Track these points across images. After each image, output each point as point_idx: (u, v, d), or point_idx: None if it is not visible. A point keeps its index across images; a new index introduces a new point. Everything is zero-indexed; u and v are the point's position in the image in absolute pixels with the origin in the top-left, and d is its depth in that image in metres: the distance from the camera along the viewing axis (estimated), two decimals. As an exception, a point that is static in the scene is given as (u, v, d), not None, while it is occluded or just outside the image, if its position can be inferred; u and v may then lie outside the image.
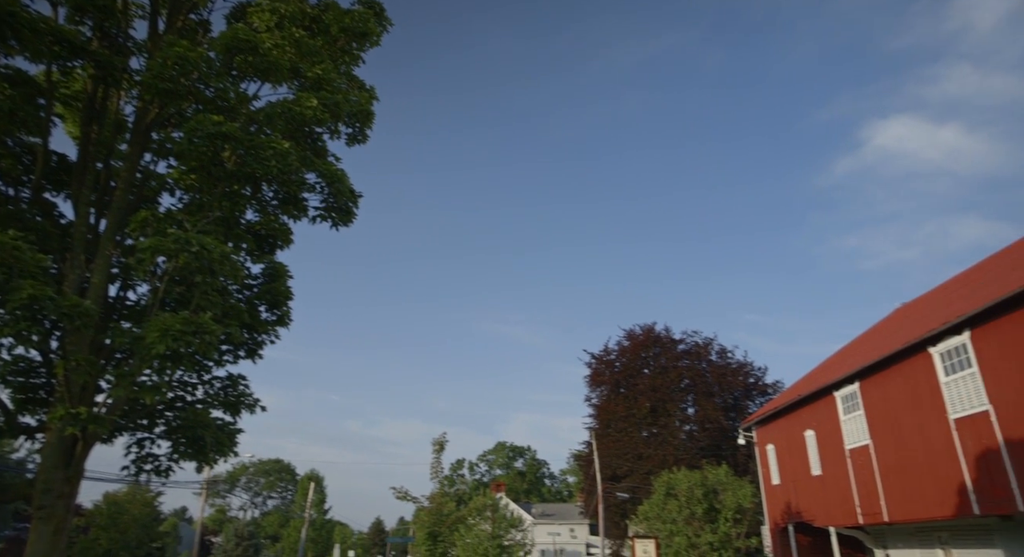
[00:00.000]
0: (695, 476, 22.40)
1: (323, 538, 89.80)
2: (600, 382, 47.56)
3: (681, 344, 47.39)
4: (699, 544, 21.06)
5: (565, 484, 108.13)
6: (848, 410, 22.84)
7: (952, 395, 17.63)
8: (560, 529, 71.44)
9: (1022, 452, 15.18)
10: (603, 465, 42.22)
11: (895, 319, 27.42)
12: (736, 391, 45.44)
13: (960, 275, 25.30)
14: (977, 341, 16.76)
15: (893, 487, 20.13)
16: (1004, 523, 17.76)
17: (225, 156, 9.70)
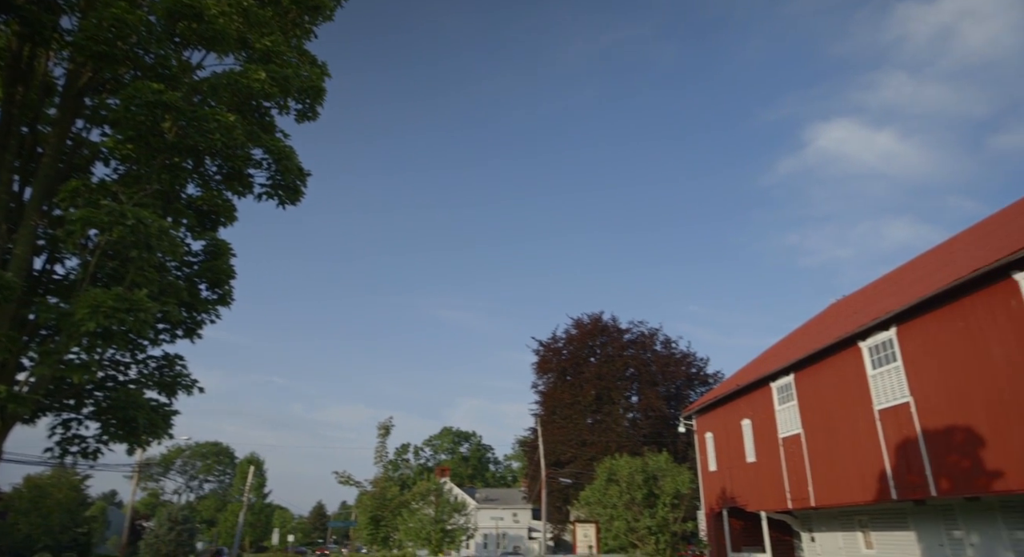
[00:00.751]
0: (636, 463, 22.97)
1: (262, 522, 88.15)
2: (547, 369, 48.11)
3: (627, 334, 48.41)
4: (638, 528, 21.67)
5: (509, 470, 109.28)
6: (783, 400, 23.81)
7: (878, 387, 18.59)
8: (503, 514, 72.25)
9: (937, 442, 16.17)
10: (547, 451, 42.83)
11: (829, 314, 28.65)
12: (679, 381, 46.78)
13: (890, 274, 26.63)
14: (902, 337, 17.70)
15: (821, 474, 21.15)
16: (917, 507, 18.94)
17: (165, 127, 9.23)
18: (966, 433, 15.32)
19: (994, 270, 14.61)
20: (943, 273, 17.58)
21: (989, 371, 14.81)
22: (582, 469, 40.90)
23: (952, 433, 15.75)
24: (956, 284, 15.59)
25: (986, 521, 16.82)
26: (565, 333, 48.74)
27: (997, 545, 16.45)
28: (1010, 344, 14.27)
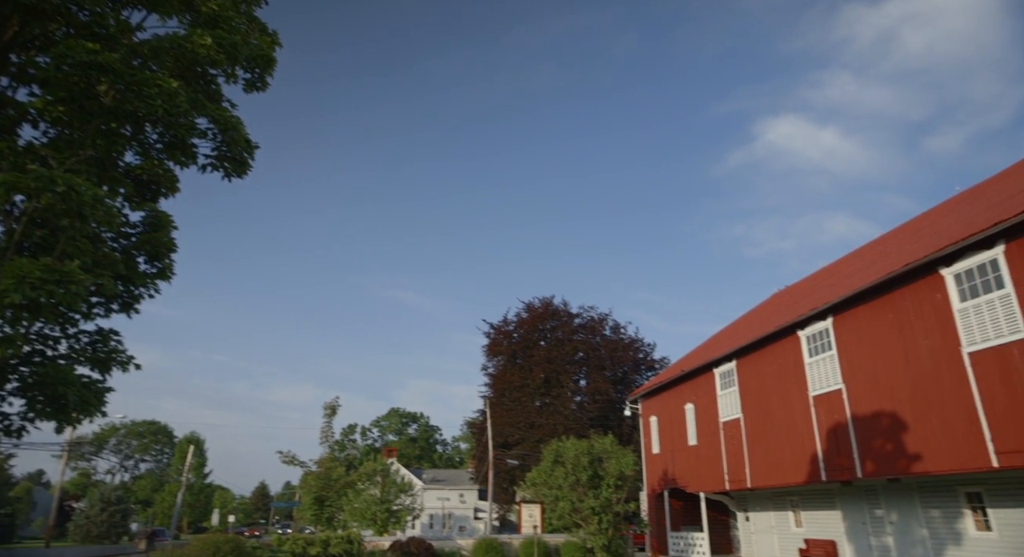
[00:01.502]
0: (582, 445, 23.36)
1: (202, 503, 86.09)
2: (497, 352, 48.31)
3: (578, 318, 48.99)
4: (582, 508, 22.10)
5: (457, 451, 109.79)
6: (725, 386, 24.61)
7: (814, 374, 19.42)
8: (450, 494, 72.64)
9: (865, 427, 17.05)
10: (496, 433, 43.18)
11: (771, 303, 29.68)
12: (626, 365, 47.73)
13: (828, 266, 27.74)
14: (838, 326, 18.51)
15: (757, 457, 22.03)
16: (844, 488, 19.99)
17: (101, 89, 8.70)
18: (891, 419, 16.20)
19: (922, 266, 15.40)
20: (876, 267, 18.42)
21: (914, 361, 15.65)
22: (529, 451, 41.42)
23: (879, 419, 16.62)
24: (887, 278, 16.36)
25: (905, 500, 17.90)
26: (516, 317, 49.00)
27: (913, 522, 17.55)
28: (934, 335, 15.10)
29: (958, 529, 16.13)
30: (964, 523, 16.00)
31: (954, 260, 14.68)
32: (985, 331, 13.83)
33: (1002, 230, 13.46)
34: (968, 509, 15.95)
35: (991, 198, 16.94)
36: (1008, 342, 13.26)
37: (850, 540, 19.83)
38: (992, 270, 13.80)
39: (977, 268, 14.16)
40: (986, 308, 13.86)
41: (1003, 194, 16.30)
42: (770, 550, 23.89)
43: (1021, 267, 13.14)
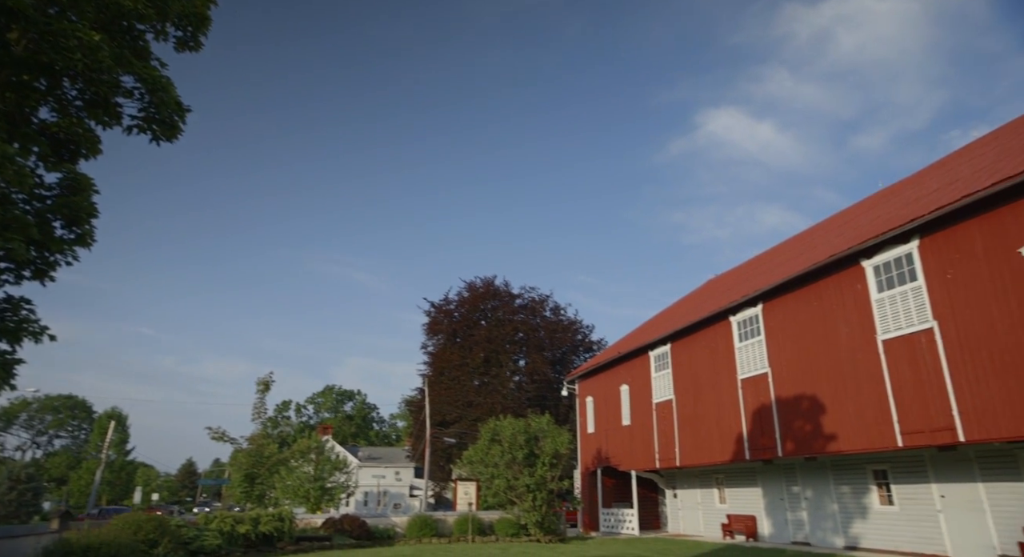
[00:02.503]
0: (519, 424, 23.66)
1: (123, 481, 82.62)
2: (438, 331, 48.15)
3: (519, 299, 49.32)
4: (517, 486, 22.47)
5: (394, 428, 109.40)
6: (659, 368, 25.38)
7: (743, 358, 20.26)
8: (386, 472, 72.49)
9: (787, 409, 17.97)
10: (434, 411, 43.20)
11: (706, 289, 30.68)
12: (565, 346, 48.51)
13: (760, 255, 28.88)
14: (767, 313, 19.34)
15: (687, 436, 22.90)
16: (766, 467, 21.08)
17: (12, 38, 7.99)
18: (811, 401, 17.12)
19: (845, 257, 16.24)
20: (804, 258, 19.30)
21: (834, 347, 16.56)
22: (467, 429, 41.66)
23: (800, 401, 17.54)
24: (813, 268, 17.18)
25: (819, 478, 19.04)
26: (458, 296, 48.89)
27: (826, 498, 18.71)
28: (853, 323, 16.00)
29: (865, 504, 17.31)
30: (870, 498, 17.17)
31: (874, 253, 15.52)
32: (898, 320, 14.74)
33: (917, 226, 14.31)
34: (874, 485, 17.12)
35: (908, 196, 17.95)
36: (917, 331, 14.19)
37: (768, 515, 20.97)
38: (907, 263, 14.68)
39: (894, 261, 15.03)
40: (900, 299, 14.75)
41: (920, 192, 17.30)
42: (695, 525, 25.00)
43: (932, 261, 14.03)
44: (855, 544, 17.31)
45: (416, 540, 22.28)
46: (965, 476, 14.62)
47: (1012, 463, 13.66)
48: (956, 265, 13.49)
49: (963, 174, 15.73)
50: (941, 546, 14.93)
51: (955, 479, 14.86)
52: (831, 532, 18.30)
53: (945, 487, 15.08)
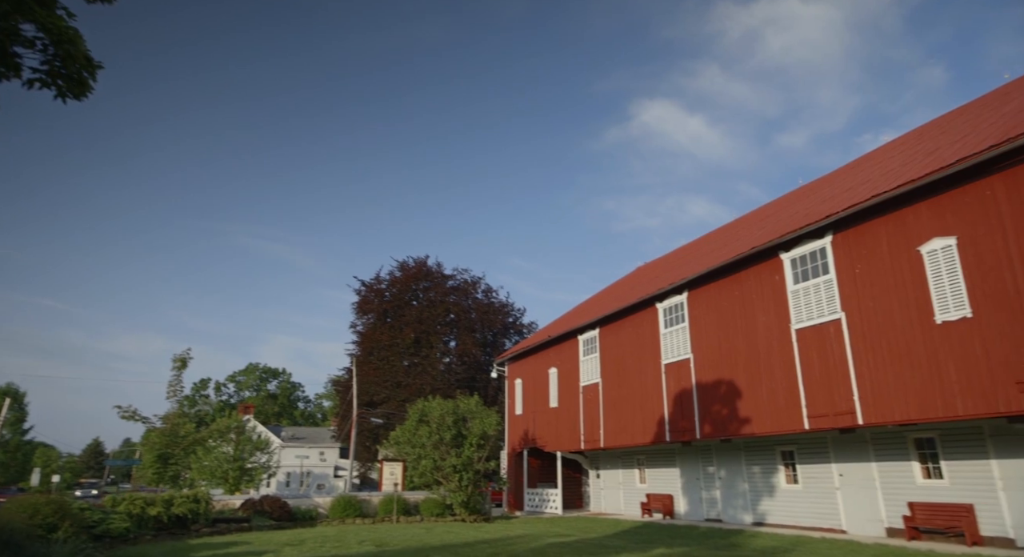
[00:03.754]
0: (448, 405, 23.67)
1: (19, 462, 77.24)
2: (368, 310, 47.35)
3: (451, 280, 49.11)
4: (443, 467, 22.52)
5: (320, 408, 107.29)
6: (587, 352, 25.92)
7: (667, 344, 20.97)
8: (310, 452, 71.10)
9: (706, 393, 18.78)
10: (361, 391, 42.57)
11: (635, 277, 31.48)
12: (496, 329, 48.76)
13: (687, 245, 29.86)
14: (691, 301, 20.05)
15: (611, 419, 23.57)
16: (684, 448, 22.02)
17: None
18: (729, 386, 17.95)
19: (765, 249, 17.01)
20: (728, 249, 20.09)
21: (752, 335, 17.38)
22: (395, 410, 41.34)
23: (719, 386, 18.35)
24: (736, 259, 17.92)
25: (733, 459, 20.06)
26: (389, 275, 48.18)
27: (738, 478, 19.75)
28: (770, 313, 16.83)
29: (773, 483, 18.39)
30: (778, 477, 18.26)
31: (792, 246, 16.34)
32: (811, 311, 15.62)
33: (831, 223, 15.14)
34: (782, 465, 18.21)
35: (824, 194, 18.95)
36: (827, 321, 15.08)
37: (685, 494, 21.95)
38: (821, 257, 15.54)
39: (809, 254, 15.87)
40: (813, 290, 15.62)
41: (834, 191, 18.29)
42: (616, 504, 25.87)
43: (843, 256, 14.91)
44: (762, 520, 18.39)
45: (340, 520, 22.02)
46: (861, 456, 15.76)
47: (902, 444, 14.83)
48: (863, 260, 14.38)
49: (873, 175, 16.72)
50: (837, 521, 16.08)
51: (852, 459, 15.99)
52: (741, 509, 19.35)
53: (843, 467, 16.22)
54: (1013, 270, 11.47)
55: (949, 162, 12.48)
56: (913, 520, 14.00)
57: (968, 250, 12.26)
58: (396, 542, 15.13)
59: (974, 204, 12.26)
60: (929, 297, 12.83)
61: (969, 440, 13.51)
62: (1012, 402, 11.22)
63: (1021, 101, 14.16)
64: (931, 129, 18.65)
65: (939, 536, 13.58)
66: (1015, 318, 11.32)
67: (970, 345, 11.99)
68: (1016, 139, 11.24)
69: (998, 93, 17.65)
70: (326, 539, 16.07)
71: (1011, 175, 11.69)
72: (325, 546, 14.42)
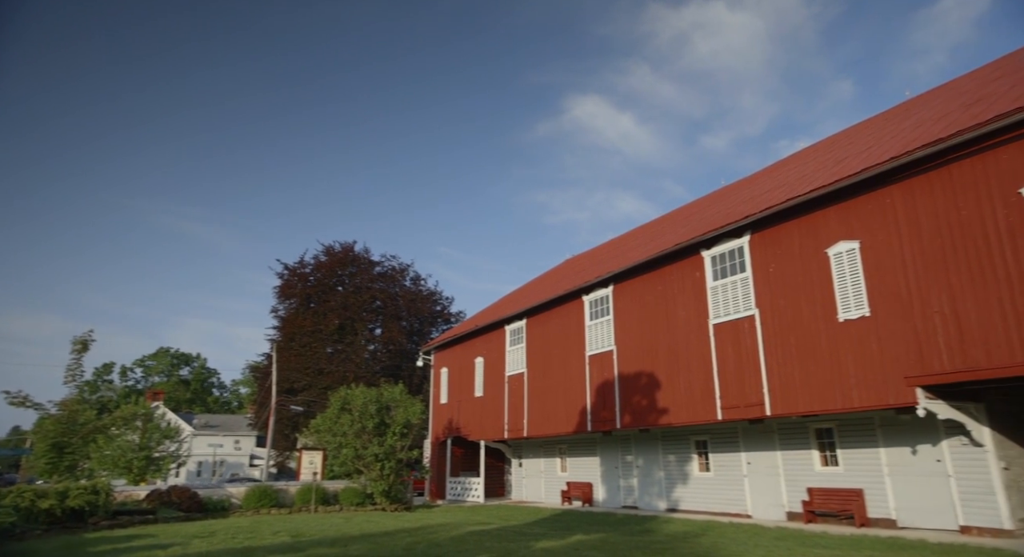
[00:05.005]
0: (372, 393, 23.28)
1: None
2: (291, 295, 45.86)
3: (378, 266, 48.27)
4: (365, 455, 22.17)
5: (236, 395, 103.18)
6: (514, 342, 26.12)
7: (592, 336, 21.42)
8: (224, 440, 68.38)
9: (628, 384, 19.34)
10: (282, 378, 41.22)
11: (563, 269, 31.94)
12: (423, 317, 48.36)
13: (615, 240, 30.56)
14: (616, 294, 20.55)
15: (535, 409, 23.89)
16: (605, 438, 22.62)
17: None
18: (649, 378, 18.55)
19: (688, 246, 17.64)
20: (652, 244, 20.71)
21: (673, 328, 18.01)
22: (316, 398, 40.31)
23: (640, 377, 18.94)
24: (660, 254, 18.50)
25: (650, 448, 20.79)
26: (314, 259, 46.76)
27: (655, 466, 20.50)
28: (691, 307, 17.49)
29: (687, 471, 19.20)
30: (692, 466, 19.07)
31: (712, 244, 17.01)
32: (728, 307, 16.34)
33: (750, 222, 15.86)
34: (696, 454, 19.03)
35: (744, 195, 19.83)
36: (742, 317, 15.83)
37: (604, 482, 22.58)
38: (739, 256, 16.27)
39: (728, 253, 16.59)
40: (730, 287, 16.34)
41: (754, 192, 19.17)
42: (537, 493, 26.30)
43: (759, 255, 15.67)
44: (676, 507, 19.18)
45: (254, 511, 21.29)
46: (767, 445, 16.69)
47: (804, 434, 15.81)
48: (777, 260, 15.16)
49: (788, 180, 17.63)
50: (744, 506, 16.99)
51: (760, 448, 16.92)
52: (657, 497, 20.11)
53: (751, 455, 17.13)
54: (906, 273, 12.40)
55: (855, 171, 13.32)
56: (811, 504, 14.98)
57: (869, 254, 13.15)
58: (313, 532, 14.78)
59: (875, 211, 13.15)
60: (834, 297, 13.69)
61: (862, 430, 14.56)
62: (900, 395, 12.17)
63: (919, 117, 15.28)
64: (841, 139, 19.83)
65: (832, 519, 14.59)
66: (905, 318, 12.26)
67: (867, 342, 12.89)
68: (913, 153, 12.13)
69: (900, 109, 18.96)
70: (239, 530, 15.49)
71: (907, 186, 12.60)
72: (237, 538, 13.90)
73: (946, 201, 11.92)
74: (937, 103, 15.94)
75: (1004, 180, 11.07)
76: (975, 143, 11.45)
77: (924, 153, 12.00)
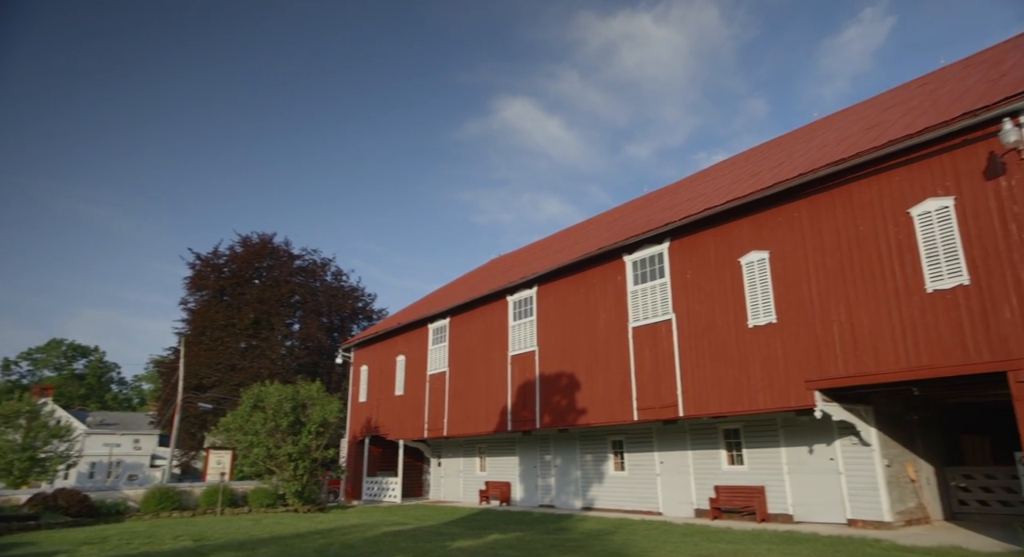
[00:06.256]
0: (287, 390, 22.49)
1: None
2: (203, 286, 43.57)
3: (299, 260, 46.68)
4: (278, 455, 21.38)
5: (138, 391, 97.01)
6: (437, 341, 25.92)
7: (515, 336, 21.57)
8: (122, 440, 64.10)
9: (548, 385, 19.61)
10: (190, 374, 39.05)
11: (488, 269, 32.00)
12: (344, 313, 47.14)
13: (540, 241, 30.93)
14: (540, 295, 20.79)
15: (457, 408, 23.80)
16: (525, 437, 22.84)
17: None
18: (570, 379, 18.88)
19: (611, 251, 18.09)
20: (577, 248, 21.10)
21: (594, 330, 18.42)
22: (227, 395, 38.45)
23: (560, 378, 19.24)
24: (584, 258, 18.87)
25: (568, 448, 21.17)
26: (230, 250, 44.62)
27: (572, 465, 20.88)
28: (611, 310, 17.94)
29: (603, 470, 19.67)
30: (607, 465, 19.56)
31: (634, 250, 17.53)
32: (647, 311, 16.88)
33: (670, 230, 16.45)
34: (612, 454, 19.53)
35: (666, 203, 20.55)
36: (659, 321, 16.39)
37: (522, 481, 22.79)
38: (659, 262, 16.84)
39: (649, 258, 17.13)
40: (650, 292, 16.89)
41: (675, 201, 19.90)
42: (456, 492, 26.21)
43: (677, 262, 16.27)
44: (591, 505, 19.62)
45: (154, 514, 20.09)
46: (679, 445, 17.37)
47: (713, 434, 16.56)
48: (694, 267, 15.80)
49: (707, 190, 18.42)
50: (655, 504, 17.60)
51: (672, 448, 17.57)
52: (573, 495, 20.49)
53: (664, 455, 17.76)
54: (809, 283, 13.23)
55: (767, 185, 14.08)
56: (717, 501, 15.71)
57: (777, 263, 13.93)
58: (218, 536, 14.09)
59: (784, 223, 13.95)
60: (745, 303, 14.41)
61: (766, 430, 15.42)
62: (800, 398, 12.97)
63: (824, 138, 16.35)
64: (755, 154, 20.92)
65: (736, 515, 15.36)
66: (807, 325, 13.09)
67: (773, 348, 13.66)
68: (818, 170, 12.96)
69: (808, 129, 20.22)
70: (134, 535, 14.55)
71: (813, 201, 13.45)
72: (132, 543, 13.06)
73: (846, 217, 12.80)
74: (840, 126, 17.10)
75: (896, 200, 12.02)
76: (872, 165, 12.37)
77: (827, 171, 12.85)
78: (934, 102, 13.56)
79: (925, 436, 14.69)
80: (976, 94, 12.07)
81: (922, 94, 15.32)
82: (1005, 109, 10.38)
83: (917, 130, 11.61)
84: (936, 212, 11.41)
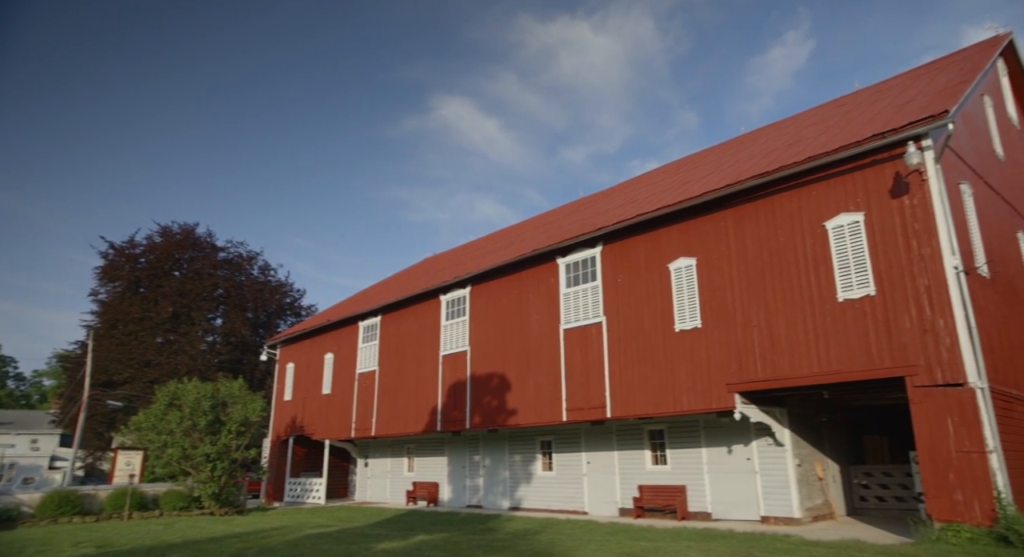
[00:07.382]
0: (207, 388, 21.45)
1: None
2: (116, 277, 41.01)
3: (223, 252, 44.71)
4: (194, 455, 20.37)
5: (38, 387, 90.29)
6: (367, 339, 25.42)
7: (447, 336, 21.43)
8: (17, 440, 59.33)
9: (479, 385, 19.59)
10: (98, 369, 36.64)
11: (422, 267, 31.68)
12: (270, 308, 45.50)
13: (475, 241, 30.89)
14: (473, 295, 20.75)
15: (386, 407, 23.41)
16: (454, 437, 22.72)
17: None
18: (501, 379, 18.92)
19: (545, 253, 18.29)
20: (511, 249, 21.20)
21: (526, 332, 18.54)
22: (140, 392, 36.31)
23: (491, 379, 19.25)
24: (518, 259, 18.98)
25: (497, 448, 21.21)
26: (148, 240, 42.18)
27: (500, 465, 20.94)
28: (544, 312, 18.12)
29: (531, 470, 19.82)
30: (536, 465, 19.73)
31: (567, 253, 17.77)
32: (578, 313, 17.14)
33: (602, 234, 16.78)
34: (540, 454, 19.71)
35: (600, 207, 20.96)
36: (590, 324, 16.68)
37: (450, 482, 22.66)
38: (591, 265, 17.14)
39: (581, 261, 17.41)
40: (582, 295, 17.16)
41: (609, 205, 20.32)
42: (382, 493, 25.77)
43: (609, 266, 16.62)
44: (519, 505, 19.73)
45: (51, 520, 18.71)
46: (605, 446, 17.73)
47: (639, 435, 17.00)
48: (625, 271, 16.17)
49: (639, 197, 18.91)
50: (581, 504, 17.89)
51: (599, 448, 17.92)
52: (501, 496, 20.55)
53: (591, 455, 18.09)
54: (732, 290, 13.79)
55: (696, 194, 14.60)
56: (641, 501, 16.13)
57: (704, 270, 14.46)
58: (124, 541, 13.29)
59: (711, 232, 14.50)
60: (672, 308, 14.87)
61: (688, 431, 15.96)
62: (722, 400, 13.51)
63: (750, 151, 17.11)
64: (686, 163, 21.64)
65: (659, 513, 15.83)
66: (730, 330, 13.64)
67: (698, 352, 14.16)
68: (744, 182, 13.55)
69: (736, 142, 21.10)
70: (27, 543, 13.52)
71: (739, 211, 14.04)
72: (25, 552, 12.12)
73: (768, 228, 13.43)
74: (765, 140, 17.94)
75: (813, 213, 12.71)
76: (792, 178, 13.04)
77: (753, 183, 13.45)
78: (848, 123, 14.45)
79: (832, 437, 15.61)
80: (885, 118, 12.95)
81: (838, 115, 16.29)
82: (910, 133, 11.18)
83: (833, 148, 12.33)
84: (848, 226, 12.15)
